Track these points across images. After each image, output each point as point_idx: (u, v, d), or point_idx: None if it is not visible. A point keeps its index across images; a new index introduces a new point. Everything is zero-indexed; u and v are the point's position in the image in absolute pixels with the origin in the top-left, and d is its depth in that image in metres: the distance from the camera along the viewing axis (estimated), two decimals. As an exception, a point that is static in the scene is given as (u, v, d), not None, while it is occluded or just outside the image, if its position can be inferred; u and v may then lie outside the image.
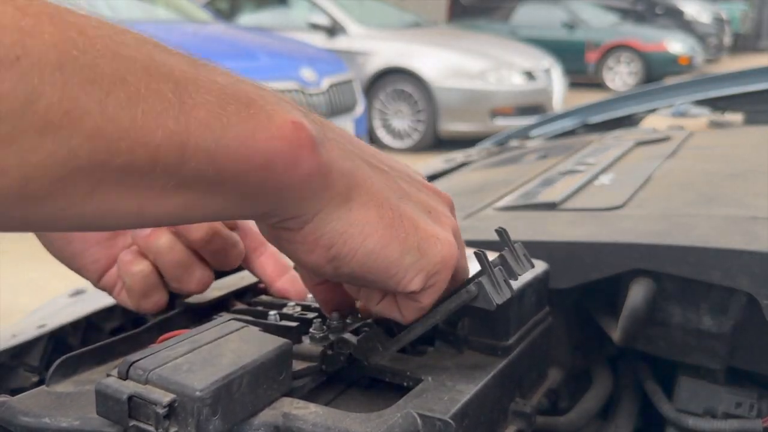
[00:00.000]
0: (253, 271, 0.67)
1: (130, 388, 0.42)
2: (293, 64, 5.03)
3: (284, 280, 0.65)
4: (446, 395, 0.49)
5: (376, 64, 6.83)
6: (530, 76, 6.89)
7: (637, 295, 0.71)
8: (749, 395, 0.72)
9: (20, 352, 0.78)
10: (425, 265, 0.45)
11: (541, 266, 0.65)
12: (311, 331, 0.55)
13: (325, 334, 0.55)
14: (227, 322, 0.50)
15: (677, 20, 14.72)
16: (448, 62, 6.72)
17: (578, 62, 11.39)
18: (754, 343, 0.71)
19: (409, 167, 0.52)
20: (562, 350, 0.80)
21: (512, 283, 0.50)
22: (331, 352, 0.54)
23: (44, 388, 0.51)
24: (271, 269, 0.65)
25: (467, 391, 0.50)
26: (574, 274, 0.75)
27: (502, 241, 0.51)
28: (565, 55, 9.69)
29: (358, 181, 0.43)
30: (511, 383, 0.58)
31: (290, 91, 4.76)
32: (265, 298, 0.67)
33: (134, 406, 0.42)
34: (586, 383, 0.80)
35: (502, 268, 0.50)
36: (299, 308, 0.61)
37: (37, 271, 3.25)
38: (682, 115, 1.86)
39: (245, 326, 0.50)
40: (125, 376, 0.43)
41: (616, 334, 0.74)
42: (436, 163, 1.69)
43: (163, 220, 0.38)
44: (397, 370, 0.54)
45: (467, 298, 0.49)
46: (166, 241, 0.59)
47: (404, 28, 7.69)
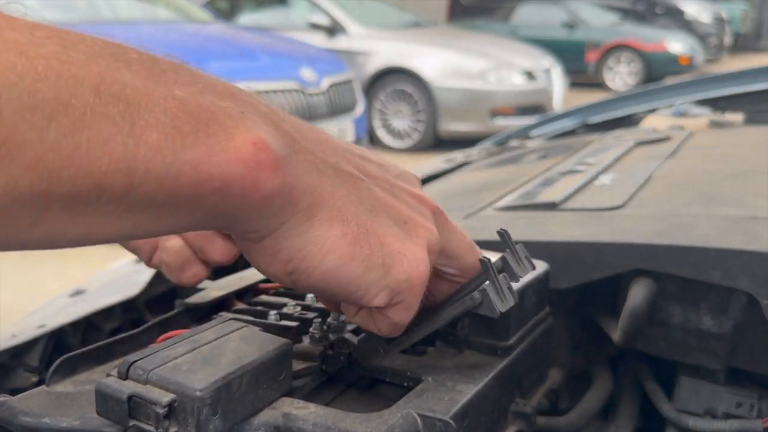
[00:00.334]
0: None
1: (130, 387, 0.42)
2: (293, 64, 5.03)
3: None
4: (446, 395, 0.49)
5: (376, 64, 6.83)
6: (530, 76, 6.89)
7: (637, 295, 0.71)
8: (749, 395, 0.72)
9: (20, 352, 0.78)
10: (390, 282, 0.44)
11: (541, 266, 0.65)
12: (311, 330, 0.55)
13: (325, 333, 0.55)
14: (227, 322, 0.50)
15: (677, 20, 14.71)
16: (448, 62, 6.72)
17: (578, 62, 11.39)
18: (754, 343, 0.71)
19: (397, 168, 0.50)
20: (562, 350, 0.80)
21: (513, 284, 0.50)
22: (331, 352, 0.54)
23: (44, 388, 0.51)
24: None
25: (467, 391, 0.50)
26: (574, 274, 0.75)
27: (503, 242, 0.51)
28: (565, 55, 9.68)
29: (323, 196, 0.41)
30: (511, 383, 0.58)
31: (290, 90, 4.76)
32: (265, 298, 0.67)
33: (134, 405, 0.42)
34: (586, 383, 0.80)
35: (506, 274, 0.50)
36: (299, 308, 0.61)
37: (37, 271, 3.26)
38: (682, 115, 1.86)
39: (245, 326, 0.50)
40: (125, 376, 0.43)
41: (616, 334, 0.74)
42: (436, 163, 1.69)
43: (115, 239, 0.37)
44: (397, 370, 0.54)
45: (471, 305, 0.49)
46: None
47: (404, 28, 7.69)
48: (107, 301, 0.87)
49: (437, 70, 6.66)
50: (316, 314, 0.59)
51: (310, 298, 0.64)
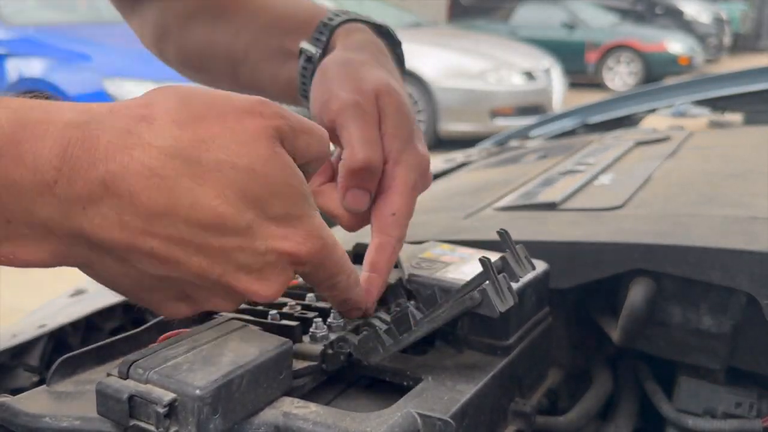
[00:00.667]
0: None
1: (130, 387, 0.42)
2: (293, 64, 5.01)
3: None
4: (446, 395, 0.49)
5: (376, 64, 6.82)
6: (530, 76, 6.89)
7: (637, 295, 0.71)
8: (749, 395, 0.72)
9: (20, 352, 0.78)
10: None
11: (541, 266, 0.65)
12: (312, 330, 0.55)
13: (325, 333, 0.55)
14: (227, 321, 0.50)
15: (677, 20, 14.72)
16: (448, 62, 6.71)
17: (578, 62, 11.38)
18: (754, 343, 0.71)
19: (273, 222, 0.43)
20: (562, 350, 0.80)
21: (512, 284, 0.50)
22: (331, 351, 0.54)
23: (45, 387, 0.51)
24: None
25: (467, 390, 0.50)
26: (574, 274, 0.75)
27: (503, 242, 0.51)
28: (564, 55, 9.67)
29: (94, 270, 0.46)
30: (510, 383, 0.58)
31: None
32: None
33: (135, 405, 0.42)
34: (586, 383, 0.80)
35: (506, 274, 0.50)
36: (299, 307, 0.61)
37: (37, 271, 3.25)
38: (682, 115, 1.86)
39: (245, 326, 0.50)
40: (126, 375, 0.43)
41: (616, 334, 0.74)
42: (436, 163, 1.69)
43: None
44: (397, 369, 0.54)
45: (471, 305, 0.49)
46: None
47: (404, 28, 7.68)
48: (107, 301, 0.87)
49: (437, 70, 6.66)
50: (316, 314, 0.59)
51: (310, 297, 0.64)
